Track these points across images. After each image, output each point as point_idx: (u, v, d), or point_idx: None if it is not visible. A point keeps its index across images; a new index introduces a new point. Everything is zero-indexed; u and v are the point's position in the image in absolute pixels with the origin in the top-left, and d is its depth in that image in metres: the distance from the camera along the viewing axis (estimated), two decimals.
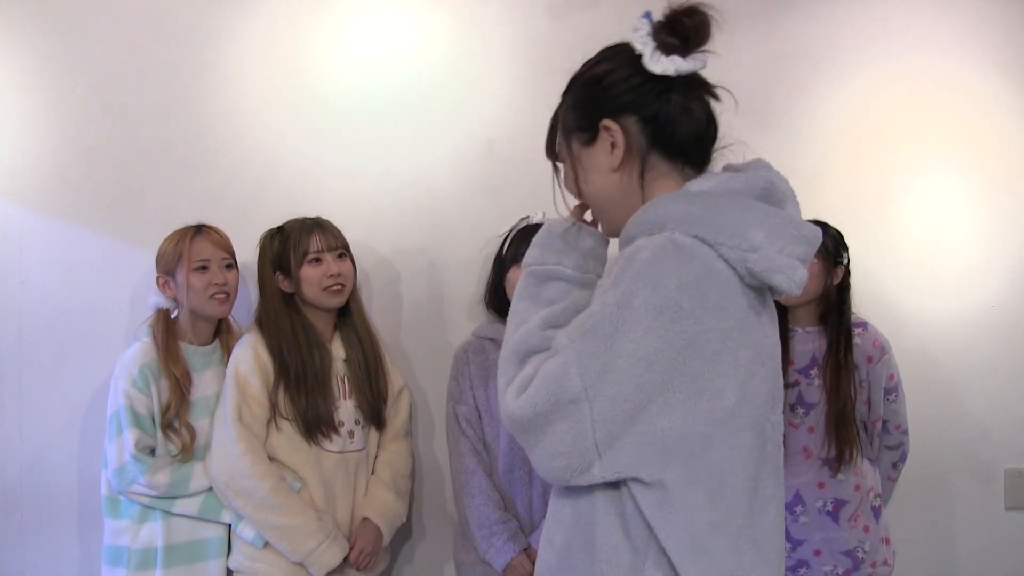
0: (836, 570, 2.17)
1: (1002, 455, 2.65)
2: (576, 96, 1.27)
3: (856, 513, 2.18)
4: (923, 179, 2.61)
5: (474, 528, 2.13)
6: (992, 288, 2.64)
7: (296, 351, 2.08)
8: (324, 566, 2.03)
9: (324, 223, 2.16)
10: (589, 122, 1.22)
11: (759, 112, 2.53)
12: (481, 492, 2.14)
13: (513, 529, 2.12)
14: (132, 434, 1.98)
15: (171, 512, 2.02)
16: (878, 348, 2.23)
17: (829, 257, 2.20)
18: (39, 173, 2.35)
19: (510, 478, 2.16)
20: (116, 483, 2.01)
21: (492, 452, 2.18)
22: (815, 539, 2.18)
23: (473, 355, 2.23)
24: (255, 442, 2.02)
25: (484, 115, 2.47)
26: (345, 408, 2.14)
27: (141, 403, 2.01)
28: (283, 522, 2.00)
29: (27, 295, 2.35)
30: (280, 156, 2.41)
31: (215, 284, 2.07)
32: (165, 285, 2.09)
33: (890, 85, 2.57)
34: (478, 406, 2.20)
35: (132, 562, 2.02)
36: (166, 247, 2.09)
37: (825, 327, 2.22)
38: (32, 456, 2.36)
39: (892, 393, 2.25)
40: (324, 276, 2.10)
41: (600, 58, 1.26)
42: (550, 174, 2.37)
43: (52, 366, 2.36)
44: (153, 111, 2.37)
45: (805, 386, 2.22)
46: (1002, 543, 2.67)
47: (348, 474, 2.13)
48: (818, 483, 2.19)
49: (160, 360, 2.03)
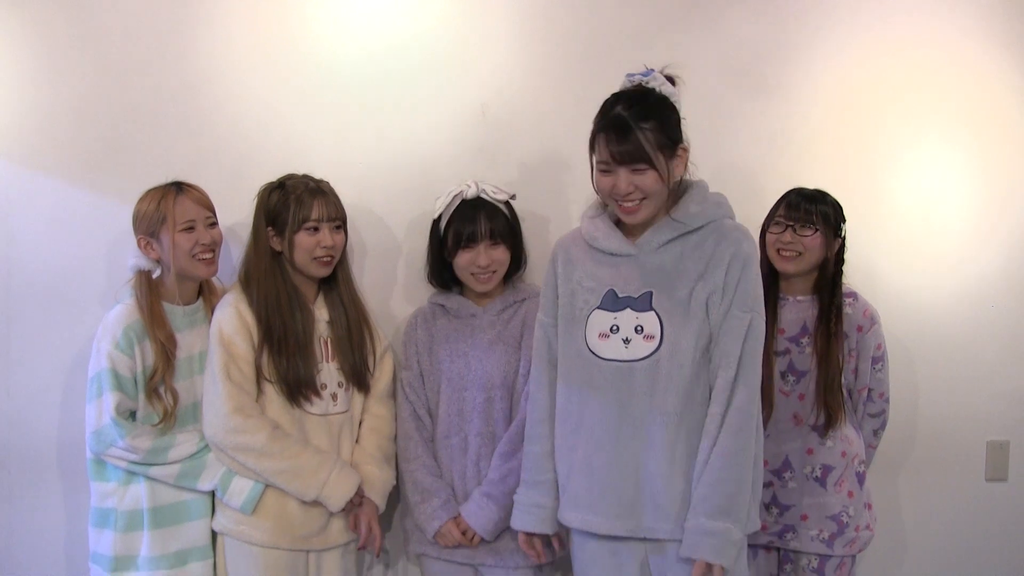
0: (822, 535, 2.20)
1: (984, 427, 2.68)
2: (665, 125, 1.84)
3: (841, 479, 2.20)
4: (918, 150, 2.59)
5: (409, 492, 2.17)
6: (984, 263, 2.64)
7: (279, 312, 2.07)
8: (341, 496, 2.05)
9: (327, 190, 2.13)
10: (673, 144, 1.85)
11: (755, 81, 2.52)
12: (416, 458, 2.17)
13: (445, 497, 2.14)
14: (113, 397, 1.97)
15: (148, 476, 2.02)
16: (868, 318, 2.24)
17: (830, 227, 2.20)
18: (26, 130, 2.33)
19: (446, 444, 2.18)
20: (94, 445, 2.00)
21: (434, 418, 2.21)
22: (803, 504, 2.20)
23: (422, 322, 2.26)
24: (245, 399, 2.02)
25: (478, 78, 2.44)
26: (328, 370, 2.13)
27: (124, 365, 1.99)
28: (287, 465, 2.01)
29: (14, 253, 2.34)
30: (272, 117, 2.38)
31: (202, 244, 2.05)
32: (147, 247, 2.04)
33: (887, 54, 2.55)
34: (422, 371, 2.23)
35: (119, 524, 2.03)
36: (146, 208, 2.04)
37: (817, 296, 2.23)
38: (19, 414, 2.37)
39: (879, 363, 2.26)
40: (317, 246, 2.08)
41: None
42: (541, 136, 2.40)
43: (40, 324, 2.35)
44: (142, 68, 2.34)
45: (796, 354, 2.23)
46: (982, 514, 2.70)
47: (331, 437, 2.12)
48: (807, 449, 2.21)
49: (145, 323, 2.01)
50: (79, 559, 2.29)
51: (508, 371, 2.16)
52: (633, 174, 1.80)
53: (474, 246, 2.13)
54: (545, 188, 2.46)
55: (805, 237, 2.19)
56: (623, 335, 1.85)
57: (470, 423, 2.16)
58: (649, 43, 2.44)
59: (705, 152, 2.19)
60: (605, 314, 1.88)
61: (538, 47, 2.46)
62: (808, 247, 2.19)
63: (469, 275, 2.17)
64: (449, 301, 2.25)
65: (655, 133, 1.78)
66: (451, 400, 2.18)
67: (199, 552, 2.07)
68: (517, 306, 2.23)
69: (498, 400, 2.16)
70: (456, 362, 2.18)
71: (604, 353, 1.86)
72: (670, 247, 1.88)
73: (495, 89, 2.44)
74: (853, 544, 2.21)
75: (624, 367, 1.84)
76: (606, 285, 1.89)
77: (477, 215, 2.13)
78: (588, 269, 1.94)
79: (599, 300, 1.89)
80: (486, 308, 2.22)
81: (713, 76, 2.50)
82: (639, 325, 1.85)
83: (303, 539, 2.08)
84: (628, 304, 1.87)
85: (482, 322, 2.21)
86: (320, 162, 2.24)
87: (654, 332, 1.84)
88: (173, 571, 2.03)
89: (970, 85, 2.59)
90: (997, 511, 2.71)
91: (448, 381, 2.18)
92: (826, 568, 2.21)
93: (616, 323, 1.87)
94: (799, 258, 2.20)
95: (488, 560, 2.14)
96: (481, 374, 2.16)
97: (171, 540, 2.03)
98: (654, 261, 1.88)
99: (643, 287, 1.86)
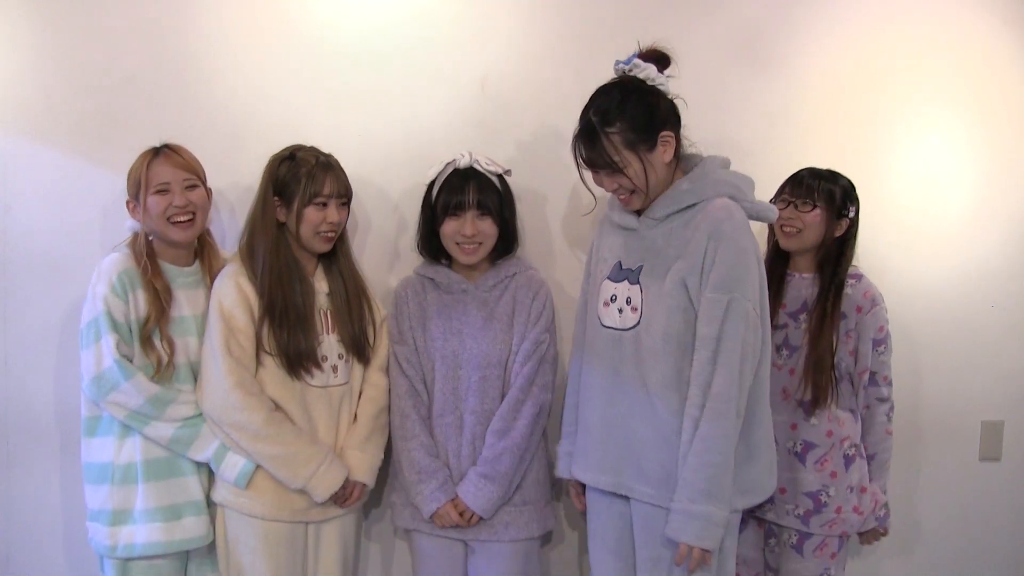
0: (797, 510, 2.20)
1: (978, 407, 2.69)
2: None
3: (824, 458, 2.20)
4: (921, 129, 2.58)
5: (406, 471, 2.16)
6: (985, 244, 2.64)
7: (280, 284, 2.06)
8: (325, 489, 2.06)
9: (335, 164, 2.12)
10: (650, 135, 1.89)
11: (756, 58, 2.51)
12: (414, 436, 2.16)
13: (443, 478, 2.14)
14: (112, 338, 1.96)
15: (143, 433, 2.02)
16: (869, 299, 2.21)
17: (833, 207, 2.19)
18: (22, 98, 2.31)
19: (441, 423, 2.17)
20: (94, 392, 1.98)
21: (431, 394, 2.20)
22: (782, 478, 2.18)
23: (413, 295, 2.24)
24: (245, 374, 2.02)
25: (477, 51, 2.42)
26: (328, 343, 2.14)
27: (119, 310, 1.98)
28: (279, 451, 2.02)
29: (10, 222, 2.34)
30: (270, 88, 2.37)
31: (176, 207, 2.02)
32: (134, 209, 2.05)
33: (890, 32, 2.53)
34: (417, 347, 2.21)
35: (116, 476, 2.03)
36: (133, 171, 2.05)
37: (819, 275, 2.22)
38: (17, 383, 2.37)
39: (881, 345, 2.23)
40: (324, 222, 2.08)
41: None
42: (541, 110, 2.38)
43: (36, 293, 2.35)
44: (139, 36, 2.32)
45: (792, 329, 2.24)
46: (976, 493, 2.72)
47: (332, 409, 2.13)
48: (791, 424, 2.22)
49: (139, 271, 2.00)
50: (77, 527, 2.30)
51: (503, 349, 2.16)
52: (612, 174, 1.90)
53: (461, 215, 2.12)
54: (543, 163, 2.45)
55: (805, 214, 2.19)
56: (618, 305, 1.97)
57: (465, 401, 2.16)
58: (650, 18, 2.43)
59: (706, 129, 2.18)
60: (610, 284, 2.00)
61: (538, 21, 2.44)
62: (807, 223, 2.19)
63: (454, 244, 2.15)
64: (439, 275, 2.23)
65: (623, 134, 1.86)
66: (446, 379, 2.17)
67: (193, 506, 2.07)
68: (507, 281, 2.22)
69: (493, 379, 2.16)
70: (450, 340, 2.17)
71: (605, 321, 1.99)
72: (665, 224, 1.94)
73: (494, 61, 2.43)
74: (833, 525, 2.19)
75: (616, 335, 1.96)
76: (616, 257, 2.01)
77: (467, 184, 2.13)
78: (608, 240, 2.06)
79: (609, 270, 2.01)
80: (477, 284, 2.21)
81: (715, 53, 2.48)
82: (629, 297, 1.95)
83: (302, 511, 2.09)
84: (626, 276, 1.97)
85: (474, 298, 2.20)
86: (318, 133, 2.22)
87: (638, 305, 1.93)
88: (168, 524, 2.03)
89: (975, 63, 2.58)
90: (990, 490, 2.73)
91: (442, 359, 2.17)
92: (804, 545, 2.21)
93: (615, 293, 1.98)
94: (799, 235, 2.20)
95: (482, 535, 2.15)
96: (476, 353, 2.15)
97: (165, 493, 2.03)
98: (650, 236, 1.96)
99: (639, 261, 1.96)
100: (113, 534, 2.02)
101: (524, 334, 2.17)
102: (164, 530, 2.02)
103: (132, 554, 2.02)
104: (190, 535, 2.06)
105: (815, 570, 2.21)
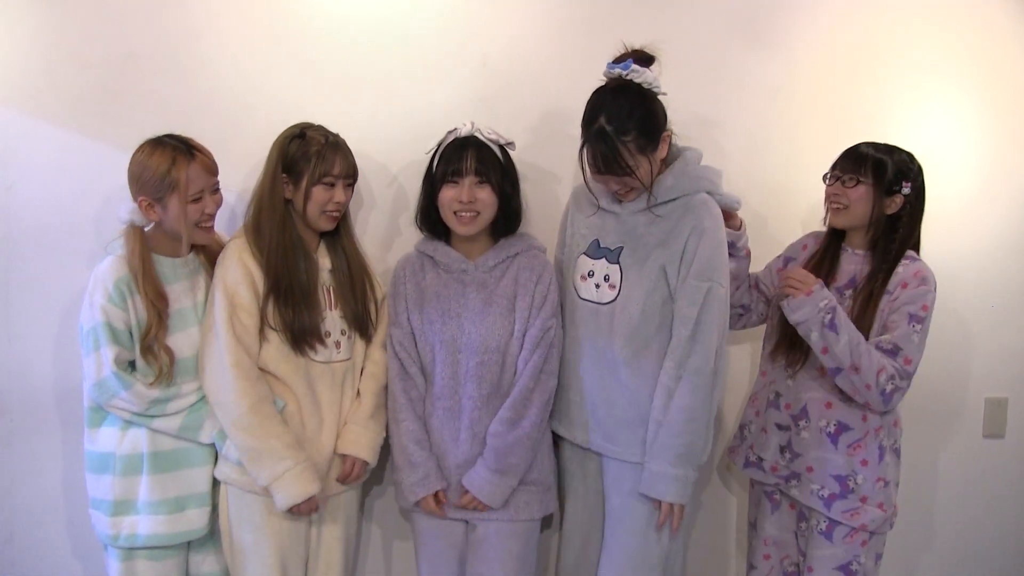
0: (823, 491, 2.16)
1: (982, 384, 2.69)
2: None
3: (858, 443, 2.14)
4: (924, 105, 2.56)
5: (395, 454, 2.16)
6: (989, 220, 2.63)
7: (285, 261, 2.06)
8: (288, 496, 1.99)
9: (343, 145, 2.12)
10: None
11: (757, 33, 2.49)
12: (403, 420, 2.15)
13: (424, 472, 2.12)
14: (111, 350, 1.96)
15: (151, 428, 2.03)
16: (918, 278, 2.09)
17: (881, 184, 2.10)
18: (26, 77, 2.31)
19: (440, 406, 2.14)
20: (96, 396, 2.00)
21: (431, 377, 2.16)
22: (810, 456, 2.17)
23: (410, 275, 2.20)
24: (244, 357, 2.01)
25: (478, 28, 2.42)
26: (331, 318, 2.14)
27: (118, 318, 1.97)
28: (253, 444, 1.99)
29: (13, 200, 2.34)
30: (272, 66, 2.36)
31: (207, 214, 2.02)
32: (149, 208, 1.98)
33: (893, 6, 2.52)
34: (413, 329, 2.18)
35: (118, 468, 2.03)
36: (155, 170, 1.95)
37: (871, 253, 2.16)
38: (20, 361, 2.38)
39: (918, 324, 2.07)
40: (330, 201, 2.08)
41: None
42: (542, 88, 2.38)
43: (39, 271, 2.36)
44: (142, 12, 2.31)
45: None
46: (979, 470, 2.72)
47: (335, 384, 2.13)
48: (826, 402, 2.17)
49: (135, 280, 1.98)
50: (78, 504, 2.32)
51: (501, 334, 2.12)
52: (622, 177, 2.02)
53: (459, 181, 2.10)
54: (546, 140, 2.44)
55: (850, 189, 2.12)
56: (595, 281, 2.14)
57: (464, 386, 2.12)
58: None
59: (706, 106, 2.19)
60: (587, 260, 2.16)
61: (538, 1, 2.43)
62: (852, 200, 2.12)
63: (451, 213, 2.12)
64: (438, 252, 2.19)
65: (636, 141, 1.99)
66: (445, 363, 2.13)
67: (198, 498, 2.08)
68: (509, 262, 2.18)
69: (491, 364, 2.11)
70: (449, 324, 2.13)
71: (582, 293, 2.16)
72: (647, 212, 2.09)
73: (496, 39, 2.42)
74: (855, 515, 2.12)
75: (593, 307, 2.13)
76: (594, 234, 2.17)
77: (466, 151, 2.10)
78: (584, 217, 2.22)
79: (586, 246, 2.17)
80: (477, 264, 2.17)
81: (716, 28, 2.47)
82: (607, 274, 2.12)
83: None
84: (604, 255, 2.14)
85: (473, 278, 2.16)
86: (319, 111, 2.22)
87: (616, 283, 2.11)
88: (172, 516, 2.04)
89: (979, 37, 2.56)
90: (994, 467, 2.73)
91: (442, 344, 2.13)
92: (834, 531, 2.16)
93: (593, 269, 2.15)
94: (846, 211, 2.14)
95: (484, 513, 2.15)
96: (476, 338, 2.11)
97: (170, 485, 2.04)
98: (631, 221, 2.12)
99: (617, 242, 2.13)
100: (115, 524, 2.03)
101: (528, 319, 2.13)
102: (168, 522, 2.03)
103: (135, 544, 2.03)
104: (193, 527, 2.07)
105: (844, 557, 2.15)
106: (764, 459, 2.28)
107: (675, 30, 2.42)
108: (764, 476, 2.28)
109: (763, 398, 2.31)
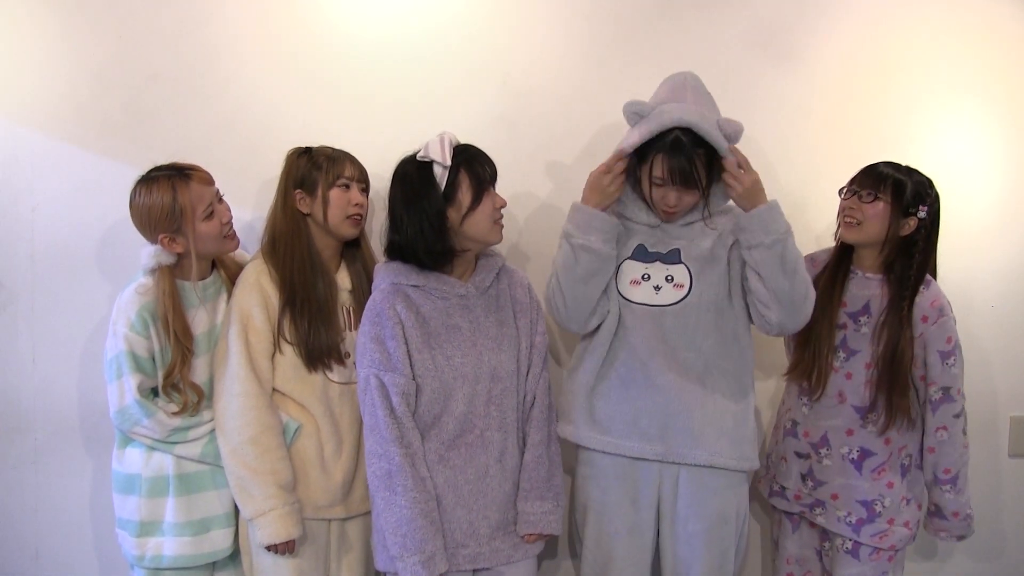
0: (850, 517, 2.15)
1: (1007, 403, 2.66)
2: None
3: (882, 467, 2.13)
4: (946, 121, 2.54)
5: (390, 527, 1.88)
6: (1014, 237, 2.60)
7: (301, 274, 2.06)
8: (269, 535, 1.98)
9: (352, 156, 2.15)
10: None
11: (778, 51, 2.48)
12: (407, 491, 1.87)
13: (429, 553, 1.87)
14: (134, 379, 1.97)
15: (173, 454, 2.04)
16: (936, 309, 2.09)
17: (900, 203, 2.07)
18: (50, 97, 2.34)
19: (460, 443, 1.96)
20: (119, 423, 2.02)
21: (440, 420, 1.95)
22: (834, 484, 2.16)
23: (404, 311, 1.94)
24: (253, 386, 2.01)
25: (499, 47, 2.42)
26: (351, 339, 2.13)
27: (141, 346, 1.99)
28: (245, 474, 1.99)
29: (38, 220, 2.37)
30: (291, 86, 2.38)
31: (223, 223, 2.04)
32: (171, 243, 1.99)
33: (914, 22, 2.50)
34: (416, 373, 1.93)
35: (144, 489, 2.05)
36: (161, 204, 1.95)
37: (887, 277, 2.13)
38: (45, 379, 2.40)
39: (951, 358, 2.10)
40: (350, 203, 2.09)
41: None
42: (561, 108, 2.38)
43: (63, 290, 2.38)
44: (164, 35, 2.34)
45: (851, 331, 2.15)
46: (1005, 490, 2.69)
47: (353, 405, 2.12)
48: (847, 430, 2.15)
49: (161, 317, 1.98)
50: (105, 523, 2.34)
51: (511, 356, 2.02)
52: (688, 191, 2.01)
53: (492, 188, 2.00)
54: (565, 156, 2.44)
55: (867, 204, 2.10)
56: (654, 283, 2.09)
57: (486, 418, 1.98)
58: (673, 13, 2.41)
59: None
60: (636, 264, 2.11)
61: (562, 16, 2.43)
62: (868, 216, 2.09)
63: (491, 224, 1.98)
64: (430, 281, 1.98)
65: (707, 157, 1.99)
66: (462, 399, 1.95)
67: (221, 520, 2.09)
68: (497, 278, 2.08)
69: (511, 388, 2.02)
70: (468, 355, 1.96)
71: (634, 297, 2.09)
72: (691, 225, 2.11)
73: (517, 58, 2.42)
74: (884, 537, 2.13)
75: (654, 310, 2.07)
76: (636, 240, 2.13)
77: (480, 157, 1.98)
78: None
79: (629, 252, 2.12)
80: (475, 285, 2.03)
81: (736, 46, 2.46)
82: (669, 275, 2.08)
83: (326, 508, 2.10)
84: (658, 258, 2.10)
85: (477, 302, 2.02)
86: (339, 130, 2.25)
87: (683, 282, 2.07)
88: (197, 537, 2.05)
89: (1001, 53, 2.53)
90: (1020, 486, 2.69)
91: (462, 378, 1.95)
92: (860, 550, 2.16)
93: (647, 272, 2.10)
94: (859, 227, 2.11)
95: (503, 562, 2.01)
96: (495, 364, 1.99)
97: (195, 507, 2.06)
98: (674, 232, 2.12)
99: (669, 245, 2.11)
100: (141, 544, 2.05)
101: (531, 337, 2.08)
102: (193, 543, 2.05)
103: (160, 565, 2.05)
104: (217, 548, 2.09)
105: (872, 574, 2.16)
106: (787, 488, 2.27)
107: (696, 48, 2.42)
108: (788, 505, 2.27)
109: (780, 427, 2.31)
